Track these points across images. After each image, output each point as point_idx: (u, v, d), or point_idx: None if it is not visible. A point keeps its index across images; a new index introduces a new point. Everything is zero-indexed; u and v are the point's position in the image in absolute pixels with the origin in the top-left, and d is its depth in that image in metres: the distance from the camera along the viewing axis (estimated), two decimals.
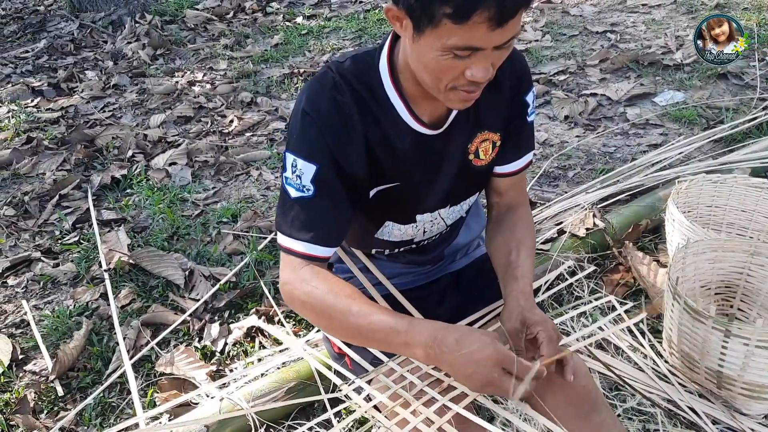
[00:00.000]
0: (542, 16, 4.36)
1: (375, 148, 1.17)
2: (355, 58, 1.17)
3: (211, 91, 3.72)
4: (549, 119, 3.14)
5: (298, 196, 1.14)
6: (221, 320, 2.03)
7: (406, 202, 1.27)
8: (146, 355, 1.90)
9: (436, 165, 1.23)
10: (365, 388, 1.22)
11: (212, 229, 2.49)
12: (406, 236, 1.34)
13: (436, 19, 0.93)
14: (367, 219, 1.30)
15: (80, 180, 2.87)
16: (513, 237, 1.29)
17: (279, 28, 4.61)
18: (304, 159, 1.12)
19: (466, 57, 0.97)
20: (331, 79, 1.14)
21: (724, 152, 2.63)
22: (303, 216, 1.14)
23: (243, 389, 1.66)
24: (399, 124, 1.17)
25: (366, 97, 1.14)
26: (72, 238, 2.49)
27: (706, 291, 1.85)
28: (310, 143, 1.13)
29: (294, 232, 1.15)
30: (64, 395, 1.81)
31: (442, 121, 1.19)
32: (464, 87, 1.03)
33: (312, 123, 1.12)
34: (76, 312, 2.10)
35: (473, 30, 0.92)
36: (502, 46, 0.97)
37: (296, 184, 1.13)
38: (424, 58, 1.01)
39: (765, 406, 1.56)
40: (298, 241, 1.15)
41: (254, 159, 2.98)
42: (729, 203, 2.10)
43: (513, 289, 1.20)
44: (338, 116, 1.13)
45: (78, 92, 3.84)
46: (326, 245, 1.16)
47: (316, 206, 1.14)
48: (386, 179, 1.21)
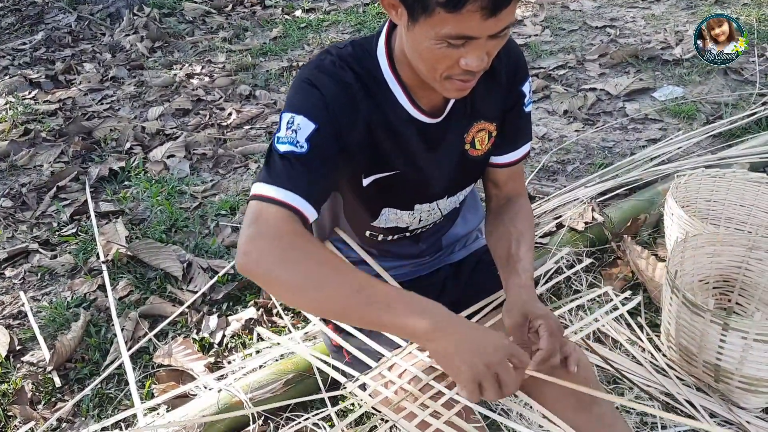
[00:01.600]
0: (542, 11, 4.36)
1: (377, 131, 1.15)
2: (354, 43, 1.16)
3: (210, 83, 3.71)
4: (548, 114, 3.14)
5: (288, 150, 1.03)
6: (219, 312, 2.02)
7: (406, 191, 1.26)
8: (144, 346, 1.90)
9: (434, 154, 1.23)
10: (370, 384, 1.20)
11: (210, 221, 2.48)
12: (402, 223, 1.33)
13: (429, 7, 0.92)
14: (364, 208, 1.29)
15: (78, 172, 2.86)
16: (513, 229, 1.29)
17: (278, 21, 4.60)
18: (304, 115, 1.05)
19: (461, 46, 0.97)
20: (330, 61, 1.12)
21: (723, 147, 2.63)
22: (291, 170, 1.03)
23: (241, 381, 1.66)
24: (400, 111, 1.16)
25: (368, 81, 1.13)
26: (70, 230, 2.48)
27: (704, 285, 1.85)
28: (314, 104, 1.07)
29: (278, 181, 1.02)
30: (61, 386, 1.81)
31: (441, 110, 1.19)
32: (459, 76, 1.02)
33: (317, 91, 1.07)
34: (74, 303, 2.10)
35: (467, 19, 0.92)
36: (497, 35, 0.97)
37: (290, 139, 1.04)
38: (418, 47, 1.00)
39: (762, 400, 1.56)
40: (282, 189, 1.01)
41: (253, 152, 2.97)
42: (728, 198, 2.10)
43: (514, 283, 1.19)
44: (343, 94, 1.09)
45: (76, 84, 3.82)
46: (309, 203, 1.03)
47: (306, 164, 1.03)
48: (385, 167, 1.20)
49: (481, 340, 1.01)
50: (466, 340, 1.00)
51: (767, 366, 1.47)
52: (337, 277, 1.00)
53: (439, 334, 0.99)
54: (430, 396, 1.12)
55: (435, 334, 0.99)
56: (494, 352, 1.00)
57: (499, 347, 1.01)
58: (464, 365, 0.99)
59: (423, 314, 0.99)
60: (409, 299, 1.02)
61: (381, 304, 0.99)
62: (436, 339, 1.00)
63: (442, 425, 1.06)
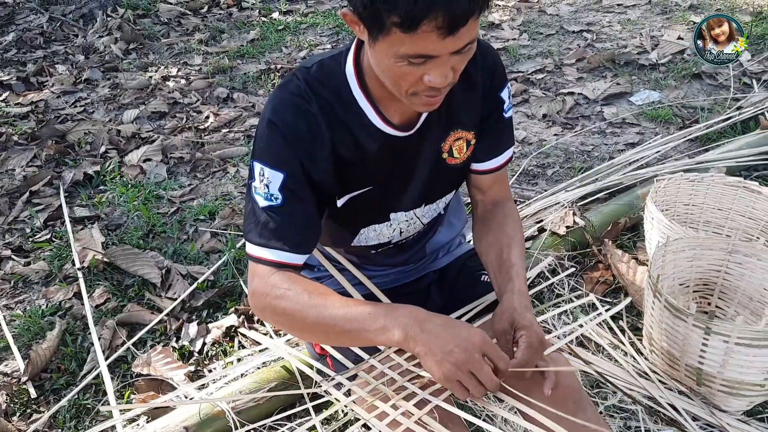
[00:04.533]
0: (519, 15, 4.38)
1: (344, 154, 1.16)
2: (322, 63, 1.15)
3: (186, 86, 3.66)
4: (527, 118, 3.15)
5: (266, 205, 1.12)
6: (199, 320, 1.99)
7: (380, 204, 1.26)
8: (122, 355, 1.86)
9: (409, 166, 1.23)
10: (345, 384, 1.21)
11: (189, 226, 2.45)
12: (383, 238, 1.33)
13: (385, 27, 0.91)
14: (341, 227, 1.30)
15: (51, 176, 2.80)
16: (503, 235, 1.28)
17: (255, 23, 4.56)
18: (270, 167, 1.11)
19: (422, 64, 0.96)
20: (296, 86, 1.13)
21: (700, 151, 2.66)
22: (272, 224, 1.12)
23: (222, 390, 1.63)
24: (368, 128, 1.16)
25: (333, 103, 1.13)
26: (44, 236, 2.43)
27: (684, 289, 1.87)
28: (277, 151, 1.12)
29: (263, 240, 1.13)
30: (37, 397, 1.76)
31: (414, 122, 1.18)
32: (425, 92, 1.02)
33: (278, 132, 1.11)
34: (49, 312, 2.05)
35: (424, 39, 0.90)
36: (459, 51, 0.95)
37: (264, 193, 1.12)
38: (381, 65, 1.00)
39: (743, 403, 1.58)
40: (268, 249, 1.13)
41: (231, 155, 2.94)
42: (706, 202, 2.12)
43: (508, 289, 1.19)
44: (304, 125, 1.12)
45: (48, 86, 3.75)
46: (297, 252, 1.14)
47: (285, 214, 1.12)
48: (357, 185, 1.21)
49: (450, 339, 1.02)
50: (433, 343, 1.02)
51: (749, 369, 1.49)
52: (315, 318, 1.09)
53: (412, 342, 1.04)
54: (404, 397, 1.13)
55: (408, 343, 1.04)
56: (463, 352, 1.01)
57: (469, 346, 1.01)
58: (435, 366, 1.02)
59: (395, 326, 1.05)
60: (383, 313, 1.06)
61: (356, 330, 1.07)
62: (410, 346, 1.05)
63: (413, 425, 1.07)
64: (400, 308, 1.08)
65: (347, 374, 1.24)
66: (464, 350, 1.01)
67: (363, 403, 1.15)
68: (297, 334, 1.30)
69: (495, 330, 1.17)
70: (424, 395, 1.13)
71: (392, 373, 1.18)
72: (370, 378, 1.19)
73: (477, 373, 1.01)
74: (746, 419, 1.59)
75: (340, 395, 1.21)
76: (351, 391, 1.20)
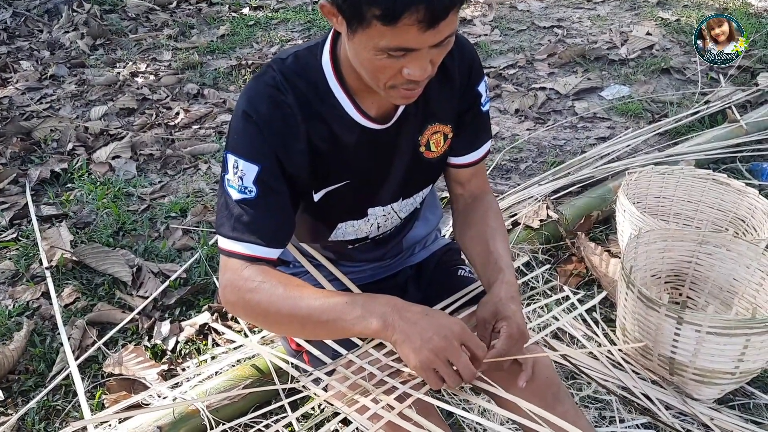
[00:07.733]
0: (491, 11, 4.40)
1: (320, 147, 1.14)
2: (297, 54, 1.14)
3: (155, 82, 3.60)
4: (500, 112, 3.17)
5: (240, 197, 1.10)
6: (172, 318, 1.96)
7: (357, 198, 1.25)
8: (93, 355, 1.82)
9: (387, 159, 1.22)
10: (324, 379, 1.20)
11: (160, 224, 2.41)
12: (361, 233, 1.32)
13: (366, 20, 0.90)
14: (318, 221, 1.28)
15: (17, 174, 2.73)
16: (486, 227, 1.28)
17: (225, 18, 4.51)
18: (245, 160, 1.09)
19: (401, 57, 0.95)
20: (271, 78, 1.11)
21: (670, 145, 2.70)
22: (246, 218, 1.10)
23: (196, 388, 1.61)
24: (345, 120, 1.15)
25: (309, 95, 1.12)
26: (9, 235, 2.37)
27: (656, 280, 1.89)
28: (252, 144, 1.10)
29: (236, 234, 1.11)
30: (4, 399, 1.72)
31: (391, 115, 1.17)
32: (404, 85, 1.01)
33: (253, 123, 1.09)
34: (16, 312, 2.00)
35: (404, 32, 0.90)
36: (439, 45, 0.95)
37: (238, 186, 1.10)
38: (359, 57, 0.99)
39: (715, 391, 1.60)
40: (241, 243, 1.10)
41: (202, 152, 2.90)
42: (676, 194, 2.15)
43: (498, 279, 1.18)
44: (279, 117, 1.10)
45: (12, 83, 3.65)
46: (271, 246, 1.12)
47: (259, 207, 1.10)
48: (334, 179, 1.19)
49: (429, 327, 1.02)
50: (412, 331, 1.02)
51: (720, 357, 1.51)
52: (290, 310, 1.07)
53: (390, 330, 1.03)
54: (384, 391, 1.13)
55: (386, 332, 1.03)
56: (442, 339, 1.01)
57: (447, 335, 1.01)
58: (412, 353, 1.02)
59: (372, 315, 1.03)
60: (361, 302, 1.05)
61: (333, 320, 1.05)
62: (388, 335, 1.03)
63: (394, 417, 1.07)
64: (378, 297, 1.07)
65: (325, 369, 1.23)
66: (443, 338, 1.01)
67: (342, 397, 1.14)
68: (271, 327, 1.27)
69: (477, 318, 1.17)
70: (404, 389, 1.12)
71: (371, 368, 1.18)
72: (349, 373, 1.18)
73: (455, 361, 1.01)
74: (717, 407, 1.62)
75: (319, 390, 1.20)
76: (329, 386, 1.19)
